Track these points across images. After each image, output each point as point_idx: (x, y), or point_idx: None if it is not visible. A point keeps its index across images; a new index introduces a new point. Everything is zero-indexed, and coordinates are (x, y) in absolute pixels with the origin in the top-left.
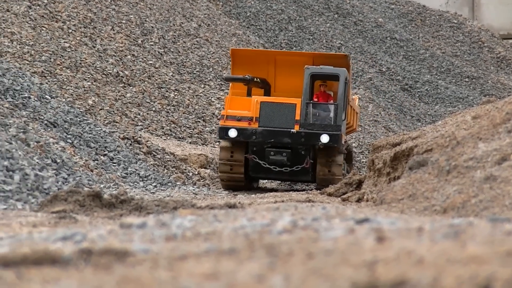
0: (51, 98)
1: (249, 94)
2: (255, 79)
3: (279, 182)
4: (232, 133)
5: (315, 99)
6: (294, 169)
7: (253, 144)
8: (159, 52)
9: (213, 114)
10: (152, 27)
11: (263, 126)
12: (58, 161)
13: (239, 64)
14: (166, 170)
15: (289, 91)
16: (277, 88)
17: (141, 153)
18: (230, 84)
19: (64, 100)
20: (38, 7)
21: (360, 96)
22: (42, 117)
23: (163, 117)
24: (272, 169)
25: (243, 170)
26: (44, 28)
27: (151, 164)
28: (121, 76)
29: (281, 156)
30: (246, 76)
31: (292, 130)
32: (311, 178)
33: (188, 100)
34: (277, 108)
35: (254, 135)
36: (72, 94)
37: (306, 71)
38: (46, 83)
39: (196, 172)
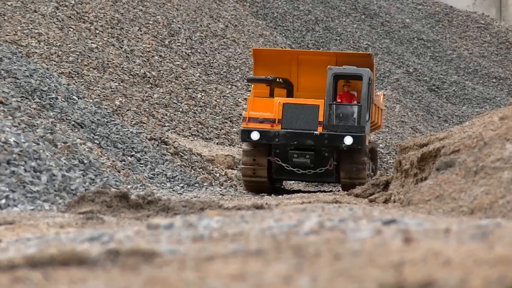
0: (78, 98)
1: (271, 94)
2: (277, 80)
3: (305, 183)
4: (255, 136)
5: (338, 100)
6: (317, 171)
7: (276, 146)
8: (186, 53)
9: (240, 114)
10: (179, 27)
11: (286, 128)
12: (85, 161)
13: (262, 65)
14: (193, 171)
15: (312, 91)
16: (300, 87)
17: (168, 154)
18: (252, 85)
19: (91, 100)
20: (65, 8)
21: (384, 93)
22: (69, 118)
23: (190, 117)
24: (296, 171)
25: (266, 174)
26: (71, 29)
27: (178, 165)
28: (148, 77)
29: (304, 159)
30: (269, 76)
31: (315, 132)
32: (335, 180)
33: (215, 100)
34: (299, 110)
35: (277, 137)
36: (99, 95)
37: (329, 72)
38: (73, 83)
39: (223, 173)
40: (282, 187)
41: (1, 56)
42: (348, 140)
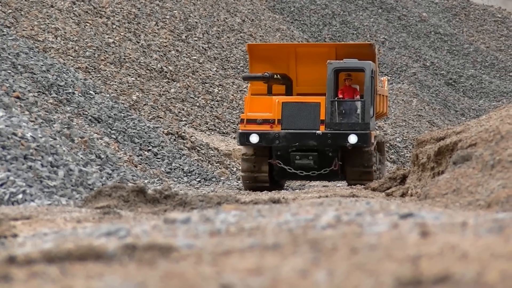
0: (95, 93)
1: (269, 91)
2: (275, 76)
3: None
4: (254, 139)
5: (340, 95)
6: (322, 172)
7: (277, 148)
8: (203, 48)
9: None
10: (196, 22)
11: (286, 128)
12: (102, 156)
13: (258, 60)
14: (210, 165)
15: (313, 85)
16: (299, 82)
17: (185, 148)
18: (249, 82)
19: (108, 95)
20: (82, 2)
21: (388, 78)
22: (86, 113)
23: (207, 112)
24: (299, 173)
25: (268, 178)
26: (88, 24)
27: (195, 159)
28: (165, 72)
29: (307, 160)
30: (266, 73)
31: (317, 131)
32: (341, 179)
33: (232, 95)
34: (300, 109)
35: (277, 139)
36: (116, 90)
37: (329, 67)
38: (90, 78)
39: (240, 167)
40: (286, 188)
41: (18, 51)
42: (353, 139)
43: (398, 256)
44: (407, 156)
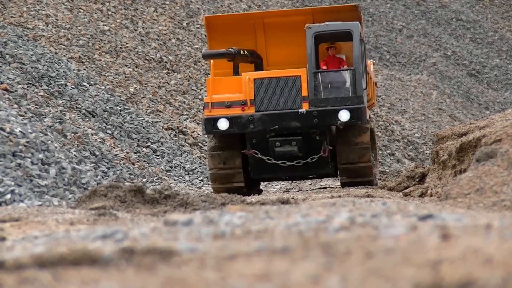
0: (89, 85)
1: (236, 71)
2: (242, 52)
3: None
4: (223, 124)
5: (324, 67)
6: (308, 160)
7: (252, 135)
8: (205, 36)
9: None
10: (198, 8)
11: (262, 110)
12: (97, 153)
13: (218, 36)
14: None
15: (287, 63)
16: (270, 60)
17: (187, 144)
18: (211, 62)
19: (103, 87)
20: None
21: (374, 61)
22: (80, 106)
23: None
24: (280, 164)
25: (242, 177)
26: (81, 10)
27: (198, 156)
28: (165, 62)
29: (290, 146)
30: (230, 49)
31: (300, 110)
32: (332, 170)
33: None
34: (276, 85)
35: (251, 123)
36: (112, 81)
37: (308, 32)
38: (84, 69)
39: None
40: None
41: (6, 40)
42: (344, 116)
43: (417, 260)
44: (426, 153)
